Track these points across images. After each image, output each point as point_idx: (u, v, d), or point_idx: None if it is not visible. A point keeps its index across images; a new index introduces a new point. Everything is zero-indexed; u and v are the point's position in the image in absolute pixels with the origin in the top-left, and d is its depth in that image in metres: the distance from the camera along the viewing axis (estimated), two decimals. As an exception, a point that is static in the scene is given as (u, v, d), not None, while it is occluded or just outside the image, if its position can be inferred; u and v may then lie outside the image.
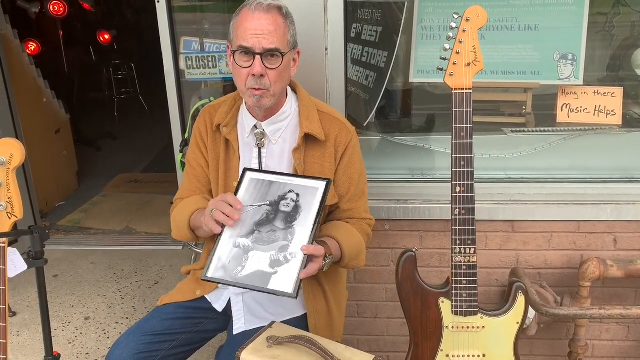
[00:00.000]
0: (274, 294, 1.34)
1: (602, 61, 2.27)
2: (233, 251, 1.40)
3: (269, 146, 1.61)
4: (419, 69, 2.18)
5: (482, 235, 2.11)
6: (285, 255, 1.37)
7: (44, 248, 1.44)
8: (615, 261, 1.99)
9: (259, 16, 1.44)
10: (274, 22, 1.45)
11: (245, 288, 1.41)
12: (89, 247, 3.77)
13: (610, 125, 2.12)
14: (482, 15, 1.43)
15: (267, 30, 1.43)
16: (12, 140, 1.31)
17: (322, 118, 1.61)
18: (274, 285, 1.34)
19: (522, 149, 2.17)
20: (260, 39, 1.43)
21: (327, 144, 1.59)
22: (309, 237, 1.38)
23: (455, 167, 1.47)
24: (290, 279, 1.34)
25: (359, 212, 1.66)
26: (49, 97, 4.39)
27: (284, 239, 1.40)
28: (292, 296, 1.32)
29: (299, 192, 1.46)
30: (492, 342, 1.54)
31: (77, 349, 2.69)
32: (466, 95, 1.45)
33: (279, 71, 1.47)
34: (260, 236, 1.41)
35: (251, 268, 1.37)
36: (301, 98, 1.63)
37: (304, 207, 1.43)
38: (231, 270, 1.37)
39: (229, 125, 1.61)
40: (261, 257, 1.38)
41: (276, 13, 1.46)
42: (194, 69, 3.01)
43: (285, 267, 1.35)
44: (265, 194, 1.47)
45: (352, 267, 1.61)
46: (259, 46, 1.43)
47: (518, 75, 2.11)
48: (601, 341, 2.22)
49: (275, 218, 1.43)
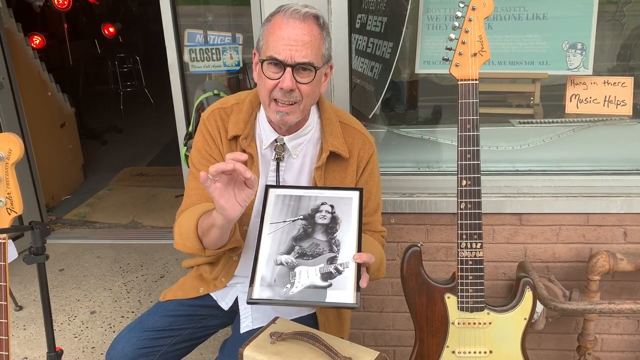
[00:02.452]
0: (335, 307, 1.30)
1: (612, 51, 2.23)
2: (276, 269, 1.32)
3: (289, 160, 1.54)
4: (425, 60, 2.15)
5: (489, 228, 2.08)
6: (335, 266, 1.32)
7: (45, 244, 1.43)
8: (625, 254, 1.96)
9: (294, 25, 1.35)
10: (309, 32, 1.36)
11: (301, 306, 1.36)
12: (95, 240, 3.78)
13: (620, 116, 2.08)
14: (488, 3, 1.40)
15: (301, 42, 1.34)
16: (10, 135, 1.30)
17: (345, 130, 1.55)
18: (333, 298, 1.28)
19: (530, 141, 2.13)
20: (293, 51, 1.34)
21: (350, 160, 1.54)
22: (356, 246, 1.34)
23: (461, 160, 1.44)
24: (349, 289, 1.28)
25: (375, 225, 1.63)
26: (54, 90, 4.39)
27: (330, 250, 1.34)
28: (356, 307, 1.27)
29: (332, 203, 1.41)
30: (499, 339, 1.51)
31: (83, 342, 2.69)
32: (472, 86, 1.42)
33: (311, 86, 1.39)
34: (302, 251, 1.35)
35: (302, 284, 1.29)
36: (323, 109, 1.55)
37: (342, 218, 1.39)
38: (279, 289, 1.29)
39: (248, 137, 1.51)
40: (310, 272, 1.31)
41: (312, 23, 1.37)
42: (198, 62, 2.99)
43: (339, 279, 1.30)
44: (297, 208, 1.41)
45: (372, 279, 1.53)
46: (291, 59, 1.34)
47: (526, 65, 2.07)
48: (610, 335, 2.19)
49: (314, 231, 1.37)
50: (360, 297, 1.65)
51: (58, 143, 4.44)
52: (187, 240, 1.44)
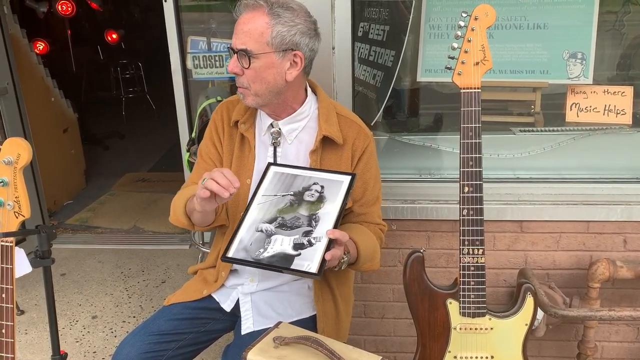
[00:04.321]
0: (297, 273, 1.35)
1: (612, 60, 2.25)
2: (255, 235, 1.41)
3: (284, 145, 1.61)
4: (427, 68, 2.17)
5: (490, 235, 2.09)
6: (309, 239, 1.38)
7: (51, 247, 1.44)
8: (625, 262, 1.97)
9: (243, 15, 1.46)
10: (251, 21, 1.44)
11: (266, 268, 1.40)
12: (97, 245, 3.79)
13: (620, 125, 2.10)
14: (490, 13, 1.42)
15: (242, 30, 1.45)
16: (19, 140, 1.31)
17: (341, 121, 1.60)
18: (298, 266, 1.34)
19: (531, 149, 2.15)
20: (236, 38, 1.46)
21: (344, 148, 1.58)
22: (333, 223, 1.40)
23: (464, 167, 1.45)
24: (315, 260, 1.34)
25: (373, 217, 1.65)
26: (57, 96, 4.41)
27: (308, 224, 1.41)
28: (317, 276, 1.32)
29: (323, 184, 1.48)
30: (500, 344, 1.52)
31: (85, 347, 2.70)
32: (475, 94, 1.44)
33: (255, 71, 1.46)
34: (283, 222, 1.42)
35: (274, 250, 1.38)
36: (321, 100, 1.62)
37: (329, 198, 1.45)
38: (253, 251, 1.38)
39: (247, 122, 1.62)
40: (285, 241, 1.39)
41: (261, 12, 1.44)
42: (201, 69, 3.01)
43: (309, 250, 1.36)
44: (289, 185, 1.49)
45: (366, 270, 1.59)
46: (234, 45, 1.46)
47: (527, 74, 2.10)
48: (610, 342, 2.20)
49: (299, 207, 1.45)
50: (350, 284, 1.74)
51: (61, 148, 4.46)
52: (178, 216, 1.61)
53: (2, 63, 3.42)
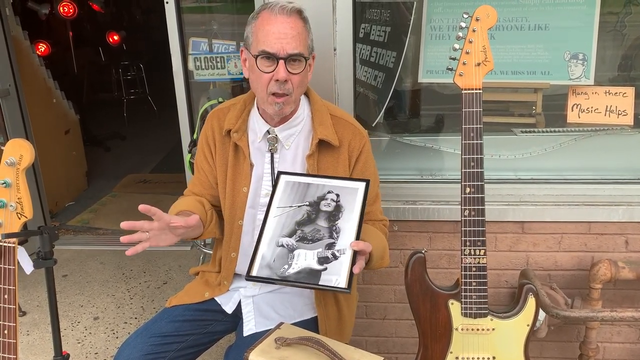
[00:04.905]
0: (326, 289, 1.34)
1: (613, 61, 2.25)
2: (277, 250, 1.38)
3: (282, 151, 1.60)
4: (428, 69, 2.17)
5: (491, 236, 2.09)
6: (333, 252, 1.36)
7: (53, 248, 1.45)
8: (626, 263, 1.97)
9: (282, 20, 1.42)
10: (295, 26, 1.43)
11: (294, 286, 1.38)
12: (98, 247, 3.79)
13: (621, 126, 2.10)
14: (492, 14, 1.42)
15: (290, 35, 1.41)
16: (22, 141, 1.32)
17: (335, 122, 1.60)
18: (326, 281, 1.32)
19: (532, 150, 2.15)
20: (284, 43, 1.41)
21: (340, 150, 1.58)
22: (355, 234, 1.38)
23: (465, 168, 1.46)
24: (342, 274, 1.32)
25: (375, 214, 1.66)
26: (59, 97, 4.42)
27: (330, 236, 1.39)
28: (347, 291, 1.31)
29: (338, 192, 1.46)
30: (502, 345, 1.52)
31: (86, 348, 2.70)
32: (476, 95, 1.44)
33: (301, 76, 1.47)
34: (303, 235, 1.40)
35: (299, 266, 1.35)
36: (313, 102, 1.62)
37: (346, 207, 1.43)
38: (277, 268, 1.35)
39: (239, 130, 1.59)
40: (308, 255, 1.36)
41: (297, 17, 1.45)
42: (202, 70, 3.02)
43: (335, 264, 1.34)
44: (303, 195, 1.47)
45: (377, 268, 1.58)
46: (282, 51, 1.41)
47: (528, 75, 2.10)
48: (612, 344, 2.20)
49: (317, 217, 1.43)
50: (354, 285, 1.69)
51: (62, 150, 4.47)
52: None
53: (4, 65, 3.43)
